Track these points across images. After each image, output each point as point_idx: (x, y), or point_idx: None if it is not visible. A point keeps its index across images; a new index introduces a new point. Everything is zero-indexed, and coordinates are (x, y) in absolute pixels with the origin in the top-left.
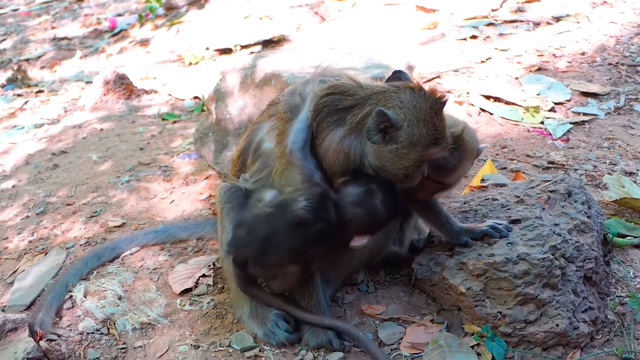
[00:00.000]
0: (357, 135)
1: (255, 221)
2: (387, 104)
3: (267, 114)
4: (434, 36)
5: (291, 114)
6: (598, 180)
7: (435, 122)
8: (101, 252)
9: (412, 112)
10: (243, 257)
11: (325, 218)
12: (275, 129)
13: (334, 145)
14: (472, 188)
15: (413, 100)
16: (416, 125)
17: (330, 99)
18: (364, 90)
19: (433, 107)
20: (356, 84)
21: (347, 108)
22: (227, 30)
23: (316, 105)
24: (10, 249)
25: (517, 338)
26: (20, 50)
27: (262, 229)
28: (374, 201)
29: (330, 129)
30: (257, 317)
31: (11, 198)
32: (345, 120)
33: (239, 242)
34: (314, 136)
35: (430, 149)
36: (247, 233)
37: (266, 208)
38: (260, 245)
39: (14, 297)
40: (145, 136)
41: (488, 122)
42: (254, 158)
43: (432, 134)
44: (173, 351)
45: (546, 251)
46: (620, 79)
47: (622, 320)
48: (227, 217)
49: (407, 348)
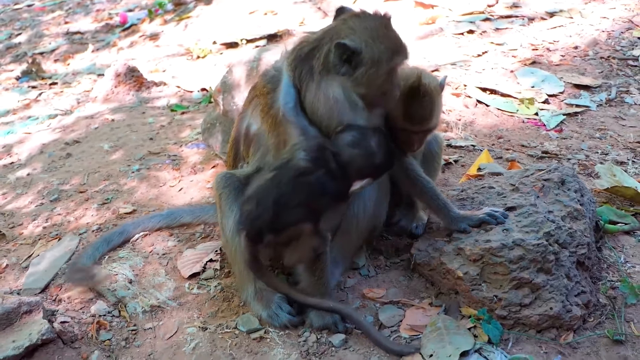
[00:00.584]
0: (327, 76)
1: (261, 191)
2: (340, 36)
3: (248, 100)
4: (432, 31)
5: (271, 85)
6: (590, 169)
7: (389, 35)
8: (110, 236)
9: (365, 34)
10: (256, 230)
11: (325, 166)
12: (257, 108)
13: (316, 97)
14: (469, 177)
15: (362, 24)
16: (373, 44)
17: (297, 53)
18: (317, 33)
19: (382, 24)
20: (311, 33)
21: (309, 55)
22: (233, 25)
23: (290, 65)
24: (25, 234)
25: (512, 320)
26: (35, 44)
27: (270, 195)
28: (369, 142)
29: (307, 83)
30: (262, 299)
31: (26, 186)
32: (313, 68)
33: (249, 216)
34: (301, 96)
35: (394, 59)
36: (257, 204)
37: (268, 174)
38: (272, 210)
39: (29, 281)
40: (154, 126)
41: (484, 114)
42: (246, 145)
43: (390, 46)
44: (182, 333)
45: (540, 237)
46: (611, 72)
47: (613, 304)
48: (226, 201)
49: (407, 330)
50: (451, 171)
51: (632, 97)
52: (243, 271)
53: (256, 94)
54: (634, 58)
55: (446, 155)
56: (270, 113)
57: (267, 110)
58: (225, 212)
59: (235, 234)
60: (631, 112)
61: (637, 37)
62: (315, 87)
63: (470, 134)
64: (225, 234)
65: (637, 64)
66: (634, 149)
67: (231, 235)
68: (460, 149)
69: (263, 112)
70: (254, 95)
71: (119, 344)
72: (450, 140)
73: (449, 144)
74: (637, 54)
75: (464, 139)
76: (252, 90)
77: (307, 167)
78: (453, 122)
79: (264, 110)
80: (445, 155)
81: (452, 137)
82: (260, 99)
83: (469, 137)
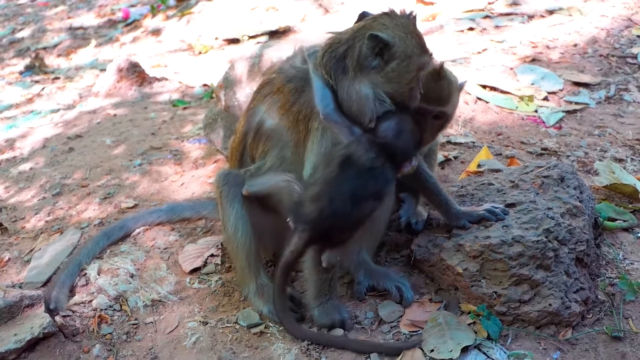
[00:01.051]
0: (361, 73)
1: (331, 189)
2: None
3: (261, 96)
4: (432, 28)
5: (294, 84)
6: (589, 166)
7: (418, 33)
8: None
9: (397, 29)
10: (324, 229)
11: (382, 156)
12: (275, 104)
13: (348, 95)
14: (468, 173)
15: (393, 21)
16: (405, 38)
17: (331, 54)
18: (347, 33)
19: (411, 22)
20: (337, 34)
21: (343, 55)
22: (235, 21)
23: (322, 65)
24: (28, 228)
25: (511, 317)
26: (38, 39)
27: (343, 191)
28: (407, 127)
29: (341, 82)
30: (263, 295)
31: (29, 180)
32: (346, 67)
33: (321, 214)
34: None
35: (423, 57)
36: (330, 202)
37: (330, 173)
38: (349, 206)
39: (31, 275)
40: (156, 122)
41: (484, 111)
42: (256, 140)
43: (420, 43)
44: (182, 327)
45: (540, 234)
46: (610, 70)
47: (611, 300)
48: (226, 198)
49: (407, 326)
50: (451, 168)
51: (630, 95)
52: (245, 267)
53: (273, 91)
54: (632, 56)
55: (446, 151)
56: (292, 110)
57: (288, 107)
58: (227, 209)
59: (238, 230)
60: (630, 110)
61: (636, 35)
62: (348, 86)
63: (470, 131)
64: (227, 231)
65: (636, 61)
66: (632, 147)
67: (233, 231)
68: (460, 145)
69: (283, 109)
70: (270, 92)
71: (120, 338)
72: (450, 137)
73: (448, 140)
74: (636, 52)
75: (463, 135)
76: (264, 86)
77: (372, 160)
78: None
79: (284, 107)
80: (445, 151)
81: (451, 133)
82: (279, 96)
83: (469, 134)
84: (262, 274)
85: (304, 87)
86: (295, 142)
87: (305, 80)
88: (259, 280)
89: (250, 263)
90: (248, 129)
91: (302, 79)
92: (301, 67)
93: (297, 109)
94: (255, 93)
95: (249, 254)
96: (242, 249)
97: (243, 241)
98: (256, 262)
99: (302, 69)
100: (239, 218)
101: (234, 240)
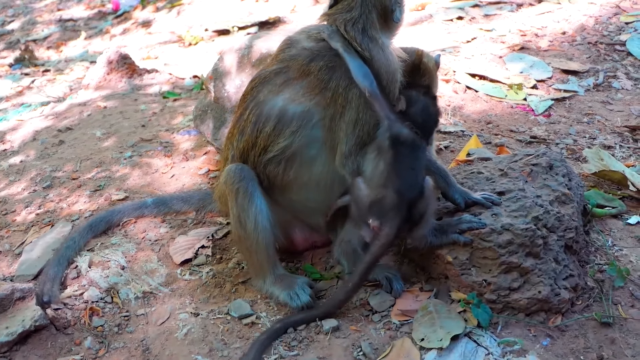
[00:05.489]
0: (388, 29)
1: (395, 167)
2: None
3: (273, 86)
4: (421, 17)
5: (322, 62)
6: (578, 153)
7: None
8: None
9: None
10: (407, 217)
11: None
12: (301, 89)
13: (381, 62)
14: (458, 162)
15: None
16: None
17: (353, 27)
18: (355, 5)
19: None
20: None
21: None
22: (224, 12)
23: (355, 39)
24: (18, 221)
25: (501, 304)
26: (28, 31)
27: (410, 175)
28: (432, 102)
29: (371, 51)
30: (282, 282)
31: (19, 173)
32: (374, 33)
33: (400, 194)
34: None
35: None
36: (402, 179)
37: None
38: (416, 176)
39: (22, 268)
40: (146, 113)
41: (473, 99)
42: (277, 130)
43: None
44: (174, 318)
45: (529, 222)
46: (599, 57)
47: (601, 287)
48: (245, 194)
49: (397, 315)
50: (440, 157)
51: (619, 82)
52: (264, 261)
53: (294, 77)
54: (621, 43)
55: (436, 141)
56: (329, 87)
57: (323, 85)
58: (244, 205)
59: (259, 225)
60: (618, 97)
61: (625, 22)
62: (380, 51)
63: (459, 120)
64: (245, 228)
65: (624, 49)
66: (621, 134)
67: (253, 226)
68: (450, 134)
69: (317, 89)
70: (288, 79)
71: (112, 330)
72: (440, 126)
73: (438, 129)
74: (624, 39)
75: (453, 124)
76: (273, 77)
77: (416, 139)
78: (442, 107)
79: (318, 87)
80: (435, 141)
81: (441, 122)
82: (306, 79)
83: (458, 123)
84: (278, 266)
85: (333, 63)
86: (331, 116)
87: (330, 56)
88: (276, 271)
89: (269, 256)
90: (265, 117)
91: (325, 55)
92: (316, 45)
93: (334, 84)
94: (259, 86)
95: (268, 248)
96: (261, 243)
97: (263, 236)
98: (274, 255)
99: (319, 46)
100: (258, 212)
101: (253, 236)
